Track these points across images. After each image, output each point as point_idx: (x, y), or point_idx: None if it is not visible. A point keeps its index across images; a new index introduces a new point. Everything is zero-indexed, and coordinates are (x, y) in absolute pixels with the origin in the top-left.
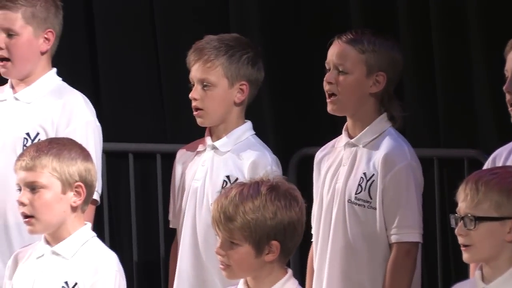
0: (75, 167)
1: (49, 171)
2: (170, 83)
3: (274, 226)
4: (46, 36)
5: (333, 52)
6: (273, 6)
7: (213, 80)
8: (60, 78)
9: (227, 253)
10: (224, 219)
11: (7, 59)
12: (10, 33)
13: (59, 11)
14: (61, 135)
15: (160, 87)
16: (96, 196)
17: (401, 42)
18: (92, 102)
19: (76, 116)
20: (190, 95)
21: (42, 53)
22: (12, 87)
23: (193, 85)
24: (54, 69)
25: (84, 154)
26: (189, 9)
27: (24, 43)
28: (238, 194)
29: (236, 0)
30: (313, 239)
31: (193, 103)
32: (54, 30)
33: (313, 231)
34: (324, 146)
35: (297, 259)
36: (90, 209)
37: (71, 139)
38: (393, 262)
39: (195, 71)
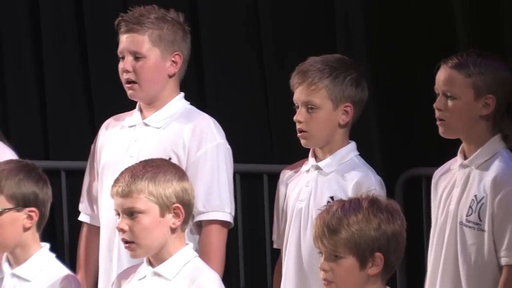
0: (171, 189)
1: (146, 196)
2: (276, 103)
3: (378, 238)
4: (173, 59)
5: (440, 78)
6: (380, 24)
7: (318, 102)
8: (188, 102)
9: (332, 267)
10: (328, 233)
11: (134, 82)
12: (137, 56)
13: (186, 35)
14: (192, 158)
15: (267, 107)
16: (229, 218)
17: (508, 60)
18: None
19: (207, 139)
20: (294, 118)
21: (170, 76)
22: (141, 111)
23: (297, 107)
24: (182, 93)
25: (179, 174)
26: (296, 29)
27: (151, 66)
28: (340, 208)
29: (343, 18)
30: (428, 259)
31: (298, 126)
32: (181, 54)
33: (428, 251)
34: (441, 166)
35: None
36: (222, 233)
37: (165, 160)
38: (503, 284)
39: (299, 94)
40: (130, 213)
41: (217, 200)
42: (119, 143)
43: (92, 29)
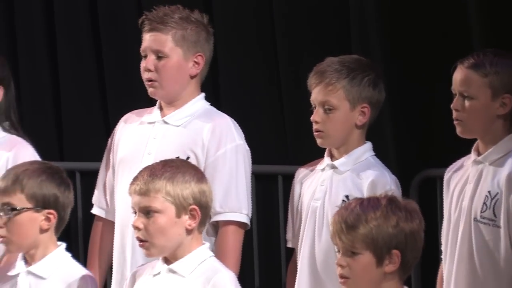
0: (189, 190)
1: (163, 196)
2: (291, 104)
3: (395, 235)
4: (195, 60)
5: (456, 78)
6: (394, 26)
7: (335, 103)
8: (209, 103)
9: (348, 263)
10: (346, 228)
11: (155, 81)
12: (159, 55)
13: (210, 37)
14: (211, 159)
15: (282, 108)
16: (246, 219)
17: None
18: None
19: (226, 140)
20: (311, 118)
21: (192, 77)
22: (161, 109)
23: (314, 107)
24: (203, 94)
25: (198, 176)
26: (310, 30)
27: (173, 65)
28: (358, 205)
29: (357, 20)
30: (443, 256)
31: (315, 126)
32: (204, 55)
33: (442, 248)
34: (453, 164)
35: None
36: (239, 234)
37: (184, 161)
38: None
39: (317, 94)
40: (146, 212)
41: (234, 201)
42: (138, 139)
43: (107, 30)
